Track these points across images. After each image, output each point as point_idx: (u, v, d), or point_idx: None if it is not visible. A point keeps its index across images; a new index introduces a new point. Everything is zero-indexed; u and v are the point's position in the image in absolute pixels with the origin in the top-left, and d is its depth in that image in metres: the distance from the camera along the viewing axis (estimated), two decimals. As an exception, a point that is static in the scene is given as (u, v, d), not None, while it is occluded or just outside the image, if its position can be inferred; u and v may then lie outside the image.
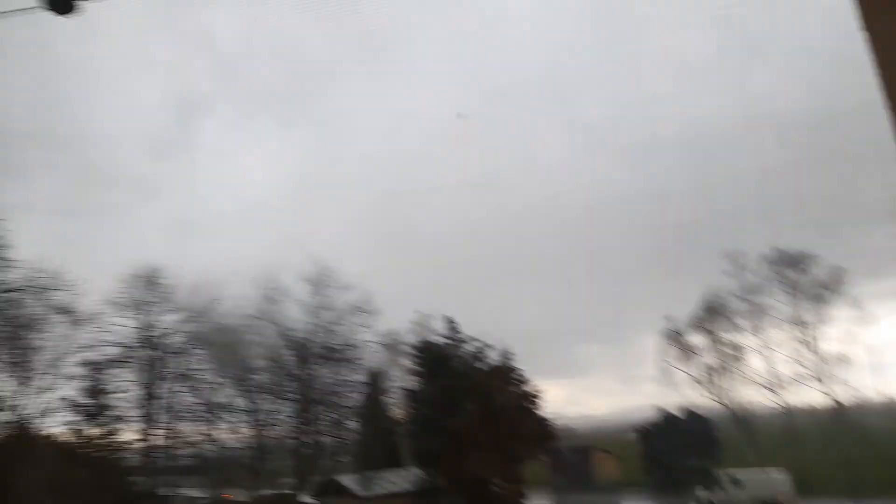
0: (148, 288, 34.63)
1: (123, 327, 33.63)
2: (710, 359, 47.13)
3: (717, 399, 46.73)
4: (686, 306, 43.67)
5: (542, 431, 35.08)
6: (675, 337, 47.82)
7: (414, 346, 37.91)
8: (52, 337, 30.46)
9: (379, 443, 37.68)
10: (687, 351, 47.48)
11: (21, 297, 29.35)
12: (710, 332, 46.79)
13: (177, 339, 35.10)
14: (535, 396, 35.03)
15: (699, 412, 44.71)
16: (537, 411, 34.99)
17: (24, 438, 29.13)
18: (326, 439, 37.41)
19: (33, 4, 7.44)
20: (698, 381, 46.83)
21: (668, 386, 46.92)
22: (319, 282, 35.48)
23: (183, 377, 34.77)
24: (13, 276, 28.88)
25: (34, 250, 30.00)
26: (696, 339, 47.31)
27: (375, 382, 38.72)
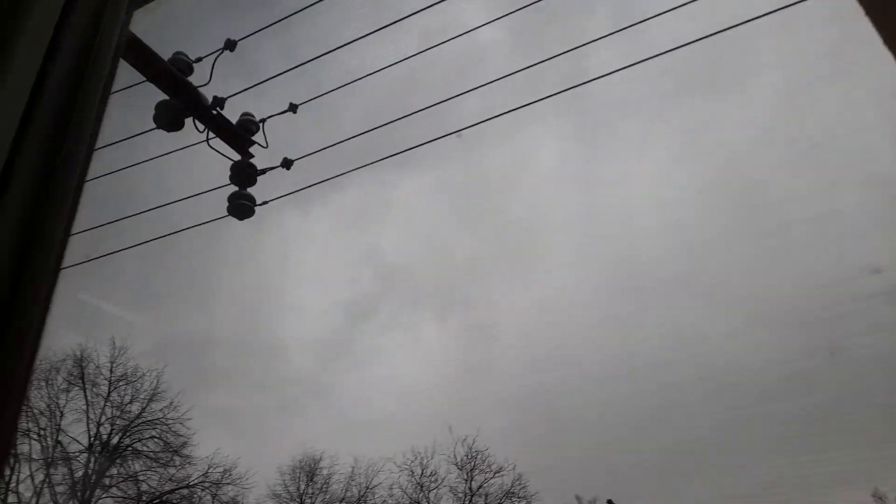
0: (308, 479, 35.32)
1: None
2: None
3: None
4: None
5: None
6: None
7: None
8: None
9: None
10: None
11: (195, 492, 31.06)
12: None
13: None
14: None
15: None
16: None
17: None
18: None
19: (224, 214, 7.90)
20: None
21: None
22: (472, 466, 34.39)
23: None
24: (191, 473, 30.99)
25: (212, 446, 32.29)
26: None
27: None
